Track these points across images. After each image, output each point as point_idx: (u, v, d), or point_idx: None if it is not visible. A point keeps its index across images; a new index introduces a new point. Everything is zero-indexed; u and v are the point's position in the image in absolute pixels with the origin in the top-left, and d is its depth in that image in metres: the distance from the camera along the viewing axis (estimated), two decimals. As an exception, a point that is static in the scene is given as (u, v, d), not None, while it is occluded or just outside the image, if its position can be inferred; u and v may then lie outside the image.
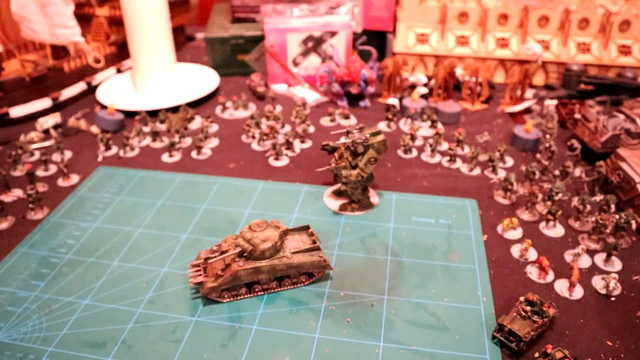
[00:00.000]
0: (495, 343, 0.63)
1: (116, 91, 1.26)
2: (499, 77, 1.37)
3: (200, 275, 0.69)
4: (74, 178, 0.96)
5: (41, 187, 0.92)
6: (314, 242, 0.72)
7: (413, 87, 1.29)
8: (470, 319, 0.66)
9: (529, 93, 1.29)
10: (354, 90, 1.22)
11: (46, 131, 1.12)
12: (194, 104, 1.24)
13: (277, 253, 0.69)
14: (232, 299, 0.69)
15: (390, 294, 0.70)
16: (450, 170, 0.99)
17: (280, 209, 0.87)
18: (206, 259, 0.70)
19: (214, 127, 1.14)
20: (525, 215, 0.85)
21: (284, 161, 1.01)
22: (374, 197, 0.90)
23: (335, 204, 0.88)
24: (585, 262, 0.76)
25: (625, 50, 1.31)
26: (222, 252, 0.68)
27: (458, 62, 1.34)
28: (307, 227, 0.75)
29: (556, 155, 0.98)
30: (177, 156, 1.03)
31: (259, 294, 0.70)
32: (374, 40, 1.40)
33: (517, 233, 0.82)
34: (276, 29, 1.28)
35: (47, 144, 1.06)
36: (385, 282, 0.72)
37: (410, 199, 0.90)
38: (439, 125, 1.13)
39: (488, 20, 1.35)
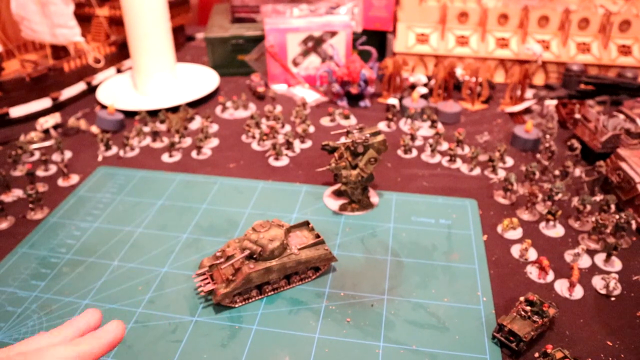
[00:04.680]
0: (495, 343, 0.63)
1: (116, 91, 1.26)
2: (499, 77, 1.37)
3: (209, 283, 0.68)
4: (74, 178, 0.96)
5: (41, 187, 0.92)
6: (317, 237, 0.72)
7: (413, 87, 1.29)
8: (470, 319, 0.66)
9: (529, 93, 1.29)
10: (354, 90, 1.22)
11: (46, 131, 1.12)
12: (194, 104, 1.24)
13: (285, 251, 0.69)
14: (243, 302, 0.68)
15: (390, 294, 0.70)
16: (450, 170, 0.99)
17: (280, 209, 0.87)
18: (211, 266, 0.69)
19: (214, 127, 1.14)
20: (525, 215, 0.85)
21: (284, 161, 1.01)
22: (374, 197, 0.90)
23: (335, 204, 0.88)
24: (585, 262, 0.76)
25: (625, 50, 1.31)
26: (228, 257, 0.68)
27: (458, 62, 1.34)
28: (306, 223, 0.75)
29: (556, 155, 0.99)
30: (177, 156, 1.03)
31: (269, 294, 0.70)
32: (374, 40, 1.40)
33: (517, 233, 0.82)
34: (276, 29, 1.28)
35: (47, 144, 1.06)
36: (385, 282, 0.72)
37: (410, 199, 0.90)
38: (439, 125, 1.13)
39: (488, 20, 1.35)
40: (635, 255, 0.77)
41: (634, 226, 0.80)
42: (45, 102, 1.18)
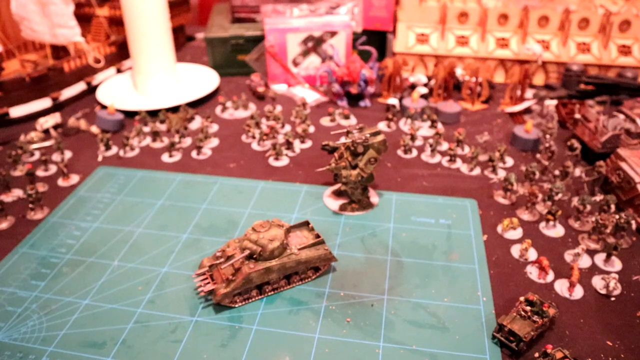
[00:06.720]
0: (495, 343, 0.63)
1: (116, 91, 1.26)
2: (499, 77, 1.37)
3: (209, 283, 0.68)
4: (74, 178, 0.96)
5: (41, 187, 0.92)
6: (317, 237, 0.72)
7: (413, 87, 1.29)
8: (470, 319, 0.66)
9: (529, 93, 1.29)
10: (354, 90, 1.22)
11: (46, 131, 1.12)
12: (194, 104, 1.24)
13: (285, 251, 0.69)
14: (243, 302, 0.68)
15: (390, 294, 0.70)
16: (450, 170, 0.99)
17: (280, 209, 0.87)
18: (211, 266, 0.69)
19: (214, 127, 1.14)
20: (525, 215, 0.85)
21: (284, 161, 1.01)
22: (374, 197, 0.90)
23: (335, 204, 0.88)
24: (585, 262, 0.76)
25: (625, 50, 1.31)
26: (228, 257, 0.68)
27: (458, 62, 1.34)
28: (306, 223, 0.75)
29: (556, 155, 0.98)
30: (177, 156, 1.03)
31: (269, 294, 0.70)
32: (374, 40, 1.40)
33: (517, 233, 0.82)
34: (276, 29, 1.28)
35: (47, 144, 1.06)
36: (385, 282, 0.72)
37: (410, 199, 0.90)
38: (439, 125, 1.13)
39: (488, 20, 1.35)
40: (635, 255, 0.77)
41: (634, 226, 0.80)
42: (45, 102, 1.18)
